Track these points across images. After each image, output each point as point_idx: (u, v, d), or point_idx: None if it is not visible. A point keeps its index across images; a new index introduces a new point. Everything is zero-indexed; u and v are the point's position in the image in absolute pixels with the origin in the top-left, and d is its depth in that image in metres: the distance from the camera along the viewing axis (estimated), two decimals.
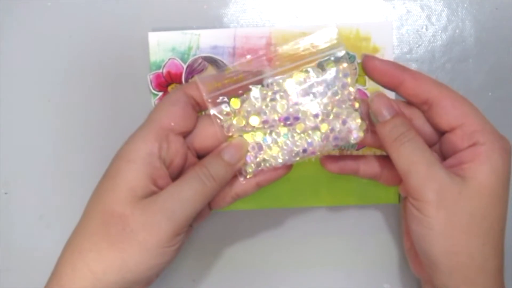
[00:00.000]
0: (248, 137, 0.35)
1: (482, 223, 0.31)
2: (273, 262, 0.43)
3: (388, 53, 0.42)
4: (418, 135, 0.32)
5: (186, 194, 0.32)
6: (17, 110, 0.43)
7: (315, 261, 0.43)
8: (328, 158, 0.36)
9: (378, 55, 0.42)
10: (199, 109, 0.35)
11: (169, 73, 0.42)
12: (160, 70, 0.42)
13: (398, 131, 0.32)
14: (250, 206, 0.42)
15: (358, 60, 0.42)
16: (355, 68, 0.42)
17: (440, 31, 0.43)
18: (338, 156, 0.37)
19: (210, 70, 0.42)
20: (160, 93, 0.42)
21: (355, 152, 0.42)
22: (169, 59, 0.42)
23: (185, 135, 0.35)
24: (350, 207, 0.43)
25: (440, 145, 0.34)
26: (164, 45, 0.42)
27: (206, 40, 0.42)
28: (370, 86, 0.42)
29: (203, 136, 0.35)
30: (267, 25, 0.43)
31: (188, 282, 0.43)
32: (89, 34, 0.43)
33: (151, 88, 0.42)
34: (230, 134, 0.34)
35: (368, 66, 0.34)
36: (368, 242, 0.43)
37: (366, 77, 0.42)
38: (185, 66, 0.42)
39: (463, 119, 0.32)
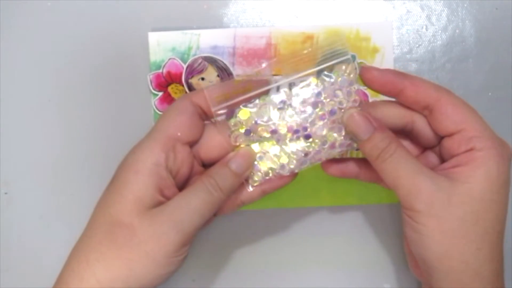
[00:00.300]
0: (255, 146, 0.35)
1: (475, 227, 0.30)
2: (273, 262, 0.43)
3: (388, 53, 0.42)
4: (400, 146, 0.32)
5: (194, 205, 0.32)
6: (17, 110, 0.43)
7: (315, 261, 0.43)
8: (329, 162, 0.36)
9: (378, 55, 0.42)
10: (205, 118, 0.35)
11: (169, 73, 0.42)
12: (160, 70, 0.42)
13: (378, 148, 0.32)
14: (250, 206, 0.42)
15: (359, 59, 0.42)
16: (356, 68, 0.42)
17: (440, 31, 0.43)
18: (339, 160, 0.37)
19: (210, 70, 0.42)
20: (160, 93, 0.42)
21: (355, 152, 0.42)
22: (169, 59, 0.42)
23: (192, 144, 0.34)
24: (350, 207, 0.43)
25: (440, 148, 0.34)
26: (164, 45, 0.42)
27: (206, 40, 0.42)
28: None
29: (210, 146, 0.35)
30: (267, 25, 0.43)
31: (188, 282, 0.43)
32: (89, 34, 0.43)
33: (151, 88, 0.42)
34: (238, 144, 0.34)
35: (366, 78, 0.34)
36: (368, 242, 0.43)
37: None
38: (185, 66, 0.42)
39: (463, 125, 0.32)
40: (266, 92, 0.34)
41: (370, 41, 0.42)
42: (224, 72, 0.42)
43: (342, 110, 0.33)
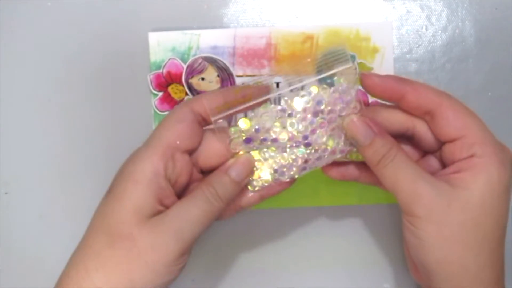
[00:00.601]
0: (255, 154, 0.34)
1: (475, 233, 0.30)
2: (273, 262, 0.43)
3: (388, 53, 0.42)
4: (401, 151, 0.32)
5: (194, 215, 0.32)
6: (17, 110, 0.43)
7: (315, 261, 0.43)
8: (329, 165, 0.36)
9: (378, 55, 0.42)
10: (205, 124, 0.34)
11: (169, 73, 0.42)
12: (160, 70, 0.42)
13: (379, 154, 0.32)
14: None
15: (358, 60, 0.42)
16: (355, 68, 0.42)
17: (440, 31, 0.43)
18: (339, 163, 0.37)
19: (210, 70, 0.42)
20: (160, 93, 0.42)
21: (354, 154, 0.42)
22: (169, 59, 0.42)
23: (191, 152, 0.34)
24: (350, 207, 0.43)
25: (441, 153, 0.34)
26: (164, 45, 0.42)
27: (206, 40, 0.42)
28: None
29: (209, 153, 0.35)
30: (267, 25, 0.43)
31: (188, 282, 0.43)
32: (89, 34, 0.43)
33: (151, 88, 0.42)
34: (237, 151, 0.34)
35: (367, 85, 0.33)
36: (368, 242, 0.43)
37: None
38: (185, 66, 0.42)
39: (464, 131, 0.32)
40: (267, 100, 0.33)
41: (370, 41, 0.42)
42: (224, 72, 0.42)
43: (343, 116, 0.33)
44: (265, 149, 0.34)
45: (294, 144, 0.34)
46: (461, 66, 0.43)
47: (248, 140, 0.34)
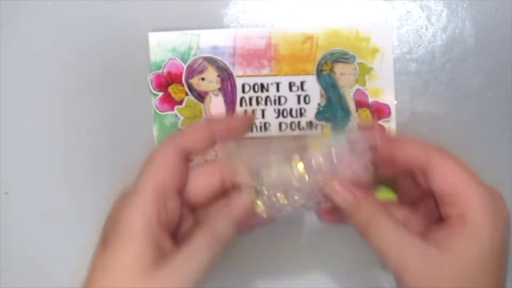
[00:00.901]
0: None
1: None
2: (273, 262, 0.43)
3: (388, 53, 0.42)
4: (385, 215, 0.32)
5: (199, 264, 0.31)
6: (17, 110, 0.43)
7: (315, 261, 0.43)
8: (327, 211, 0.36)
9: (378, 55, 0.42)
10: (191, 158, 0.34)
11: (169, 73, 0.42)
12: (161, 70, 0.42)
13: (364, 218, 0.32)
14: None
15: (358, 60, 0.42)
16: (355, 68, 0.42)
17: (440, 31, 0.43)
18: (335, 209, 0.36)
19: (210, 70, 0.42)
20: (161, 93, 0.42)
21: None
22: (169, 59, 0.42)
23: (180, 191, 0.34)
24: None
25: (437, 201, 0.33)
26: (165, 45, 0.42)
27: (206, 40, 0.42)
28: (370, 87, 0.42)
29: (197, 191, 0.34)
30: (267, 25, 0.43)
31: None
32: (89, 34, 0.43)
33: (151, 88, 0.42)
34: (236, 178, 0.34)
35: (356, 148, 0.33)
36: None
37: (366, 77, 0.42)
38: (185, 66, 0.42)
39: (453, 189, 0.31)
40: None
41: (370, 41, 0.42)
42: (224, 72, 0.42)
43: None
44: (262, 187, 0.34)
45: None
46: (461, 66, 0.43)
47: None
